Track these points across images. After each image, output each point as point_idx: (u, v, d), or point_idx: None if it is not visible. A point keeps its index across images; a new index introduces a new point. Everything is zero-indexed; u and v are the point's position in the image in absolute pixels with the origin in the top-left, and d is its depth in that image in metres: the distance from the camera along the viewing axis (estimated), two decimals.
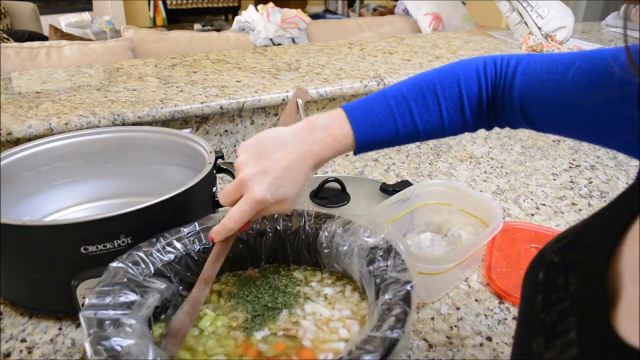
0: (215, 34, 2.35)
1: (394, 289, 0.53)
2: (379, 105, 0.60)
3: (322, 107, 1.23)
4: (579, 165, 1.20)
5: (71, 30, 3.91)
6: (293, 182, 0.55)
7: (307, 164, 0.56)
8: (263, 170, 0.54)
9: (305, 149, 0.56)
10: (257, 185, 0.54)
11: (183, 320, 0.57)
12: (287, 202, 0.56)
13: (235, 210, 0.56)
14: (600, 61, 0.51)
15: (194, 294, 0.59)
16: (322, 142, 0.57)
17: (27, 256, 0.66)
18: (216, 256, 0.60)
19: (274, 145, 0.56)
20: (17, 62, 1.77)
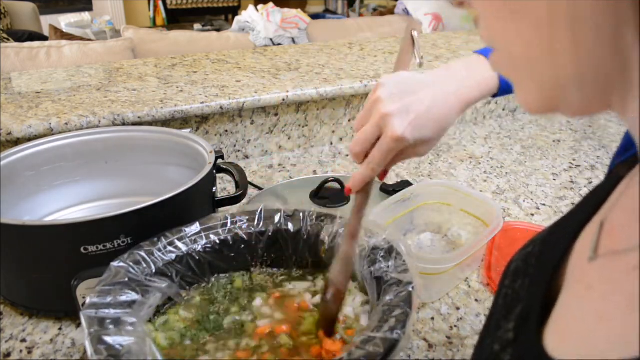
0: (215, 34, 2.35)
1: (395, 290, 0.53)
2: None
3: (322, 107, 1.23)
4: (579, 165, 1.20)
5: (71, 30, 3.90)
6: (436, 123, 0.52)
7: (452, 104, 0.53)
8: (406, 107, 0.51)
9: (449, 89, 0.53)
10: (399, 123, 0.50)
11: (339, 279, 0.55)
12: (427, 144, 0.53)
13: (375, 152, 0.52)
14: None
15: (344, 250, 0.56)
16: (467, 81, 0.54)
17: (27, 256, 0.66)
18: (359, 207, 0.56)
19: (416, 84, 0.53)
20: (17, 62, 1.77)
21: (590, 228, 0.35)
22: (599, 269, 0.30)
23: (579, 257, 0.34)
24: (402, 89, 0.52)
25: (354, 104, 1.27)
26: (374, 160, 0.53)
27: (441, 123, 0.53)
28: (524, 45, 0.26)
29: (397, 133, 0.50)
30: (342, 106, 1.26)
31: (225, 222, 0.66)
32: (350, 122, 1.29)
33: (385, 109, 0.51)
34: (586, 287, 0.30)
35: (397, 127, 0.50)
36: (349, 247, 0.56)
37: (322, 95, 1.19)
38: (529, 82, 0.28)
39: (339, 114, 1.27)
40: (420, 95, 0.52)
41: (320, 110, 1.24)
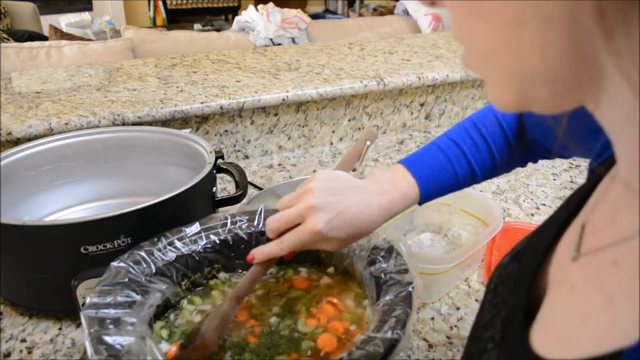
0: (215, 34, 2.35)
1: (395, 290, 0.53)
2: (433, 154, 0.61)
3: (322, 107, 1.23)
4: (579, 165, 1.20)
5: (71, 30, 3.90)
6: (354, 228, 0.55)
7: (375, 217, 0.56)
8: (333, 205, 0.54)
9: (376, 201, 0.56)
10: (320, 218, 0.53)
11: (211, 335, 0.55)
12: (337, 242, 0.56)
13: (290, 237, 0.55)
14: None
15: (224, 309, 0.57)
16: (390, 195, 0.57)
17: (27, 256, 0.66)
18: (254, 276, 0.58)
19: (348, 187, 0.56)
20: (17, 62, 1.77)
21: (571, 229, 0.35)
22: (581, 269, 0.30)
23: (561, 258, 0.34)
24: (334, 187, 0.56)
25: (354, 104, 1.27)
26: (286, 242, 0.56)
27: (359, 229, 0.56)
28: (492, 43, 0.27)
29: (316, 227, 0.53)
30: (342, 106, 1.26)
31: (225, 222, 0.66)
32: (350, 122, 1.29)
33: (312, 202, 0.54)
34: (569, 288, 0.30)
35: (318, 222, 0.53)
36: (231, 308, 0.57)
37: (322, 95, 1.19)
38: (499, 78, 0.29)
39: (339, 114, 1.27)
40: (347, 198, 0.55)
41: (320, 110, 1.24)
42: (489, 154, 0.61)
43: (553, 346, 0.29)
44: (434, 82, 1.31)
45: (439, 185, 0.60)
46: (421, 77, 1.29)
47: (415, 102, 1.35)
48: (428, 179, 0.59)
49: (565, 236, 0.35)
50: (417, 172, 0.59)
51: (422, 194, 0.59)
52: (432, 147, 0.62)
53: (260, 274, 0.59)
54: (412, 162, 0.60)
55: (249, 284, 0.58)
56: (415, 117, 1.38)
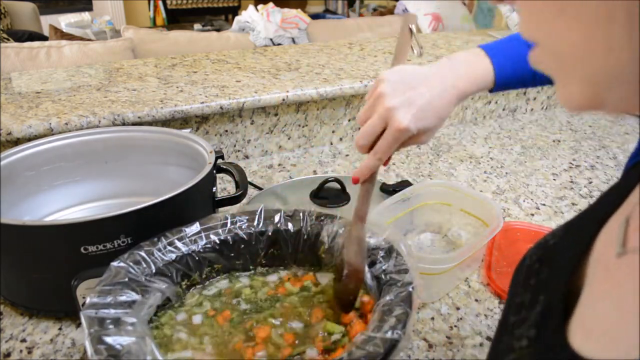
0: (215, 34, 2.35)
1: (395, 290, 0.53)
2: (516, 44, 0.60)
3: (322, 107, 1.23)
4: (579, 165, 1.20)
5: (71, 30, 3.91)
6: (436, 114, 0.56)
7: (450, 96, 0.57)
8: (409, 100, 0.54)
9: (448, 83, 0.56)
10: (403, 115, 0.54)
11: (356, 260, 0.58)
12: (428, 133, 0.57)
13: (382, 143, 0.56)
14: None
15: (355, 234, 0.59)
16: (465, 76, 0.58)
17: (27, 256, 0.66)
18: (366, 194, 0.61)
19: (417, 78, 0.56)
20: (17, 62, 1.77)
21: (611, 226, 0.35)
22: (628, 266, 0.30)
23: (602, 254, 0.34)
24: (403, 83, 0.56)
25: (354, 104, 1.27)
26: (380, 150, 0.57)
27: (440, 114, 0.56)
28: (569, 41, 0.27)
29: (402, 124, 0.54)
30: (342, 106, 1.26)
31: (225, 222, 0.66)
32: (350, 122, 1.29)
33: (389, 103, 0.54)
34: (615, 284, 0.30)
35: (402, 119, 0.54)
36: (360, 229, 0.60)
37: (322, 95, 1.19)
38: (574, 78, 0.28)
39: (339, 114, 1.27)
40: (420, 89, 0.55)
41: (320, 110, 1.24)
42: None
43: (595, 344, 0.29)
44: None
45: (516, 76, 0.60)
46: None
47: None
48: (505, 67, 0.59)
49: (603, 233, 0.35)
50: (495, 57, 0.59)
51: (497, 79, 0.59)
52: (514, 37, 0.61)
53: (371, 189, 0.61)
54: (491, 47, 0.60)
55: (366, 203, 0.60)
56: None
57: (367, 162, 0.58)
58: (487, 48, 0.60)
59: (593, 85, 0.27)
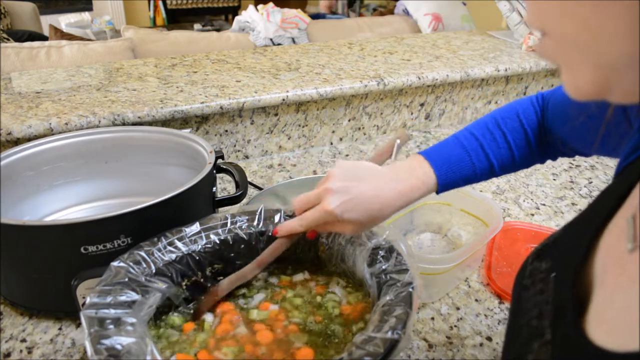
0: (215, 34, 2.35)
1: (395, 290, 0.53)
2: (452, 146, 0.63)
3: (322, 107, 1.23)
4: (579, 165, 1.20)
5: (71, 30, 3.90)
6: (367, 210, 0.57)
7: (392, 201, 0.58)
8: (346, 188, 0.57)
9: (392, 187, 0.58)
10: (334, 199, 0.57)
11: (224, 284, 0.63)
12: (352, 225, 0.58)
13: (309, 214, 0.60)
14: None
15: (243, 270, 0.64)
16: (408, 183, 0.59)
17: (27, 256, 0.66)
18: (276, 247, 0.64)
19: (366, 174, 0.59)
20: (17, 62, 1.77)
21: (616, 224, 0.35)
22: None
23: (611, 251, 0.34)
24: (354, 174, 0.59)
25: (354, 104, 1.27)
26: (305, 218, 0.60)
27: (373, 213, 0.58)
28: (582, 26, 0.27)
29: (329, 207, 0.57)
30: (342, 106, 1.26)
31: (225, 222, 0.66)
32: (350, 122, 1.29)
33: (329, 184, 0.58)
34: (630, 279, 0.30)
35: (331, 203, 0.57)
36: (250, 271, 0.64)
37: (322, 95, 1.19)
38: (583, 64, 0.29)
39: (339, 114, 1.27)
40: (363, 183, 0.58)
41: (320, 110, 1.24)
42: (508, 150, 0.63)
43: (618, 338, 0.29)
44: (434, 82, 1.31)
45: (457, 176, 0.61)
46: (421, 77, 1.29)
47: (415, 102, 1.35)
48: (446, 169, 0.61)
49: (608, 230, 0.36)
50: (435, 162, 0.61)
51: (439, 183, 0.61)
52: (452, 140, 0.64)
53: (283, 246, 0.64)
54: (430, 153, 0.62)
55: (271, 253, 0.64)
56: (415, 117, 1.38)
57: (292, 222, 0.62)
58: (428, 154, 0.62)
59: (602, 71, 0.28)
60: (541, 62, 1.47)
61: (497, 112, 0.65)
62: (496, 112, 0.65)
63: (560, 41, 0.29)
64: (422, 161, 0.61)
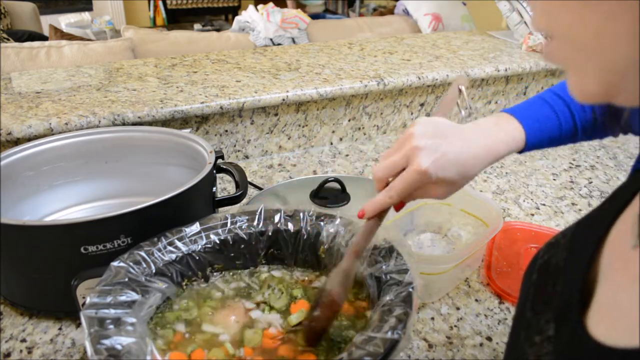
0: (215, 34, 2.35)
1: (395, 290, 0.53)
2: (539, 105, 0.61)
3: (322, 107, 1.23)
4: (579, 165, 1.20)
5: (71, 30, 3.90)
6: (459, 167, 0.54)
7: (479, 154, 0.56)
8: (437, 145, 0.53)
9: (480, 141, 0.56)
10: (425, 157, 0.52)
11: (337, 291, 0.55)
12: (446, 187, 0.55)
13: (397, 181, 0.54)
14: None
15: (344, 266, 0.57)
16: (496, 137, 0.57)
17: (27, 256, 0.66)
18: (369, 231, 0.58)
19: (451, 130, 0.56)
20: (17, 62, 1.77)
21: (623, 221, 0.36)
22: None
23: (617, 247, 0.34)
24: (436, 130, 0.55)
25: (354, 104, 1.27)
26: (394, 188, 0.55)
27: (466, 168, 0.55)
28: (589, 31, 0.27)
29: (422, 166, 0.52)
30: (342, 106, 1.26)
31: (225, 222, 0.66)
32: (350, 122, 1.29)
33: (416, 143, 0.53)
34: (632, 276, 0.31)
35: (423, 161, 0.52)
36: (351, 264, 0.57)
37: (322, 95, 1.19)
38: (588, 68, 0.29)
39: (339, 114, 1.27)
40: (451, 139, 0.54)
41: (320, 110, 1.24)
42: (591, 113, 0.61)
43: (618, 334, 0.29)
44: (434, 82, 1.31)
45: (545, 135, 0.60)
46: (421, 77, 1.29)
47: (415, 102, 1.35)
48: (534, 126, 0.59)
49: (616, 227, 0.36)
50: (524, 119, 0.59)
51: (528, 139, 0.59)
52: (538, 100, 0.62)
53: (375, 227, 0.58)
54: (518, 110, 0.60)
55: (365, 239, 0.58)
56: (415, 117, 1.38)
57: (377, 198, 0.56)
58: (514, 111, 0.60)
59: (609, 75, 0.28)
60: (541, 62, 1.47)
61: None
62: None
63: (567, 45, 0.30)
64: (509, 117, 0.59)
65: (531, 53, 1.54)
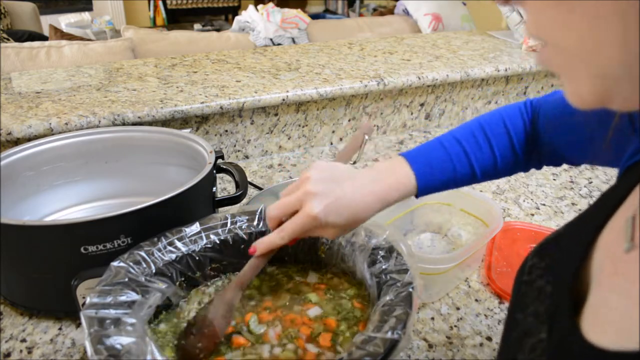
0: (215, 34, 2.35)
1: (395, 290, 0.53)
2: (435, 150, 0.62)
3: (322, 107, 1.23)
4: (578, 166, 1.20)
5: (71, 30, 3.90)
6: (351, 213, 0.56)
7: (371, 203, 0.57)
8: (329, 191, 0.55)
9: (369, 187, 0.57)
10: (317, 202, 0.54)
11: (219, 322, 0.57)
12: (337, 230, 0.57)
13: (289, 225, 0.56)
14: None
15: (227, 297, 0.58)
16: (384, 183, 0.58)
17: (27, 256, 0.66)
18: (256, 266, 0.60)
19: (344, 175, 0.57)
20: (17, 62, 1.77)
21: (614, 224, 0.35)
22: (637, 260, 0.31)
23: (609, 250, 0.34)
24: (332, 175, 0.57)
25: (354, 104, 1.27)
26: (285, 229, 0.57)
27: (356, 214, 0.56)
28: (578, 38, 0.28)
29: (313, 212, 0.54)
30: (342, 106, 1.26)
31: (225, 222, 0.66)
32: (350, 122, 1.29)
33: (309, 187, 0.55)
34: (625, 279, 0.31)
35: (315, 206, 0.54)
36: (234, 296, 0.59)
37: (322, 95, 1.19)
38: (581, 74, 0.29)
39: (339, 114, 1.27)
40: (343, 185, 0.56)
41: (320, 110, 1.24)
42: (491, 156, 0.62)
43: (611, 337, 0.29)
44: (434, 82, 1.31)
45: (437, 180, 0.61)
46: (421, 77, 1.29)
47: (415, 102, 1.35)
48: (425, 172, 0.60)
49: (607, 230, 0.36)
50: (416, 164, 0.60)
51: (419, 185, 0.60)
52: (434, 143, 0.63)
53: (262, 264, 0.60)
54: (412, 155, 0.61)
55: (251, 273, 0.59)
56: (415, 117, 1.38)
57: (269, 238, 0.58)
58: (408, 155, 0.61)
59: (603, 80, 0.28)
60: None
61: (483, 118, 0.64)
62: (482, 118, 0.64)
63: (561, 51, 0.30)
64: (402, 163, 0.60)
65: (531, 53, 1.54)
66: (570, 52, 0.29)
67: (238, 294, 0.59)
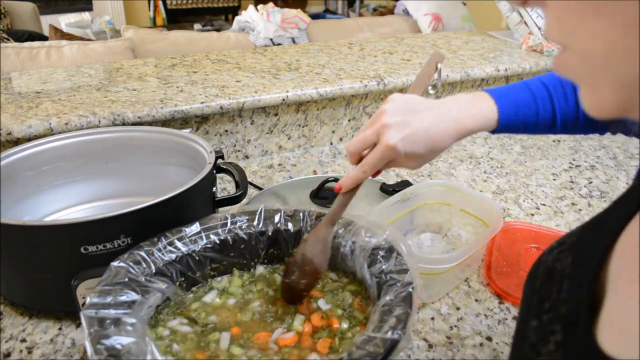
0: (215, 34, 2.35)
1: (395, 290, 0.53)
2: (520, 90, 0.61)
3: (322, 107, 1.23)
4: (579, 165, 1.20)
5: (71, 30, 3.90)
6: (428, 142, 0.56)
7: (450, 129, 0.57)
8: (405, 122, 0.56)
9: (451, 115, 0.57)
10: (394, 133, 0.55)
11: (319, 259, 0.60)
12: (417, 160, 0.57)
13: (369, 158, 0.58)
14: None
15: (322, 235, 0.61)
16: (468, 113, 0.58)
17: (27, 256, 0.66)
18: (344, 203, 0.62)
19: (421, 106, 0.58)
20: (17, 62, 1.77)
21: (632, 229, 0.34)
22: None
23: (628, 256, 0.33)
24: (407, 107, 0.57)
25: (354, 104, 1.27)
26: (367, 163, 0.58)
27: (434, 143, 0.57)
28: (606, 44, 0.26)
29: (390, 142, 0.55)
30: (342, 106, 1.26)
31: (225, 222, 0.66)
32: (350, 122, 1.29)
33: (386, 120, 0.56)
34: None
35: (391, 138, 0.55)
36: (328, 231, 0.61)
37: (322, 95, 1.19)
38: (606, 82, 0.28)
39: (339, 114, 1.27)
40: (421, 115, 0.57)
41: (320, 110, 1.24)
42: (575, 107, 0.61)
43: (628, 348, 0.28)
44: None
45: (519, 120, 0.60)
46: None
47: None
48: (509, 110, 0.59)
49: (624, 237, 0.35)
50: (500, 99, 0.60)
51: (500, 121, 0.59)
52: (520, 84, 0.62)
53: (350, 199, 0.62)
54: (497, 91, 0.61)
55: (341, 209, 0.62)
56: None
57: (353, 174, 0.59)
58: (493, 92, 0.61)
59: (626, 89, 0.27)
60: (541, 62, 1.47)
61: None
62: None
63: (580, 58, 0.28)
64: (486, 96, 0.60)
65: (531, 53, 1.54)
66: (592, 59, 0.27)
67: (331, 230, 0.62)
